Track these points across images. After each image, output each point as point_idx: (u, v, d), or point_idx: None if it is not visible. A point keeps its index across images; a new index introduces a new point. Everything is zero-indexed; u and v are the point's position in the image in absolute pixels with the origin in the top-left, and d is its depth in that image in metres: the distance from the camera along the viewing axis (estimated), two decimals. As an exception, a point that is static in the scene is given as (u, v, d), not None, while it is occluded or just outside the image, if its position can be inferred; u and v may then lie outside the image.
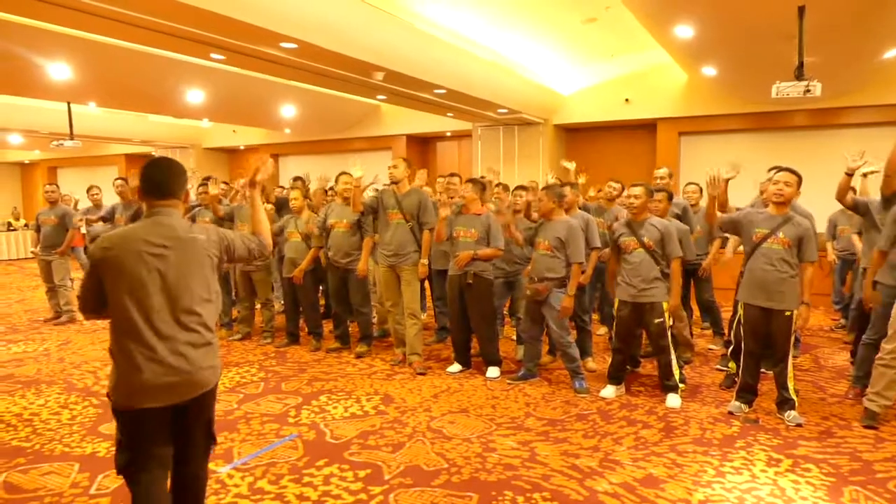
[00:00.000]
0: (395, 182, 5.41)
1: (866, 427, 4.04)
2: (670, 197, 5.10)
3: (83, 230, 9.20)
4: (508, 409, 4.44)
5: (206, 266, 2.38)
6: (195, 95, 9.04)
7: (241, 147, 14.60)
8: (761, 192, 5.23)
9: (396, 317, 5.54)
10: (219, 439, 3.83)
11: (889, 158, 4.16)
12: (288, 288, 6.23)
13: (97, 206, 8.32)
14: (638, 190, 4.55)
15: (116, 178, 7.69)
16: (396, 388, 4.94)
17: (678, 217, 5.45)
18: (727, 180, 4.36)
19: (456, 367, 5.36)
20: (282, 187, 9.02)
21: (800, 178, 4.13)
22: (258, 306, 6.63)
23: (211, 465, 3.48)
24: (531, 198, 5.45)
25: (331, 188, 7.21)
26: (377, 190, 5.84)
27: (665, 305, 4.47)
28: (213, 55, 6.22)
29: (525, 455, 3.66)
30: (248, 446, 3.81)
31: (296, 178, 7.75)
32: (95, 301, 2.27)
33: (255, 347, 6.27)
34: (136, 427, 2.27)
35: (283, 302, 6.68)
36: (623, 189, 6.01)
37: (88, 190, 8.47)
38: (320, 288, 6.63)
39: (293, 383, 5.10)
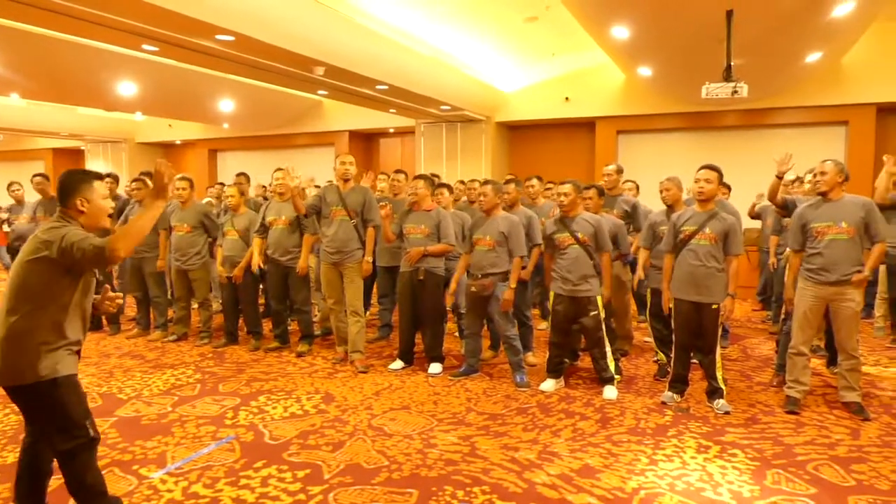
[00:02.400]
0: (347, 179, 5.35)
1: (788, 413, 4.25)
2: (601, 192, 5.19)
3: (6, 228, 8.75)
4: (450, 405, 4.47)
5: (32, 265, 2.46)
6: (127, 88, 8.71)
7: (178, 142, 14.17)
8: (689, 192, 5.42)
9: (339, 314, 5.49)
10: (152, 444, 3.75)
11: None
12: (227, 286, 6.09)
13: (19, 202, 7.91)
14: (567, 187, 4.64)
15: (35, 175, 7.28)
16: (338, 386, 4.90)
17: (627, 214, 5.59)
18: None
19: (398, 363, 5.36)
20: (221, 184, 8.79)
21: (720, 173, 4.32)
22: (195, 306, 6.45)
23: (143, 471, 3.39)
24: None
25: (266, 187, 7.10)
26: (318, 187, 5.78)
27: (599, 300, 4.58)
28: (145, 46, 6.02)
29: (465, 450, 3.69)
30: (182, 450, 3.70)
31: (239, 174, 7.59)
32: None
33: (192, 349, 6.10)
34: None
35: (221, 301, 6.53)
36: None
37: (9, 186, 8.04)
38: (260, 287, 6.51)
39: (231, 384, 4.99)
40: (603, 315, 4.66)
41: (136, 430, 4.03)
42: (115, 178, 7.31)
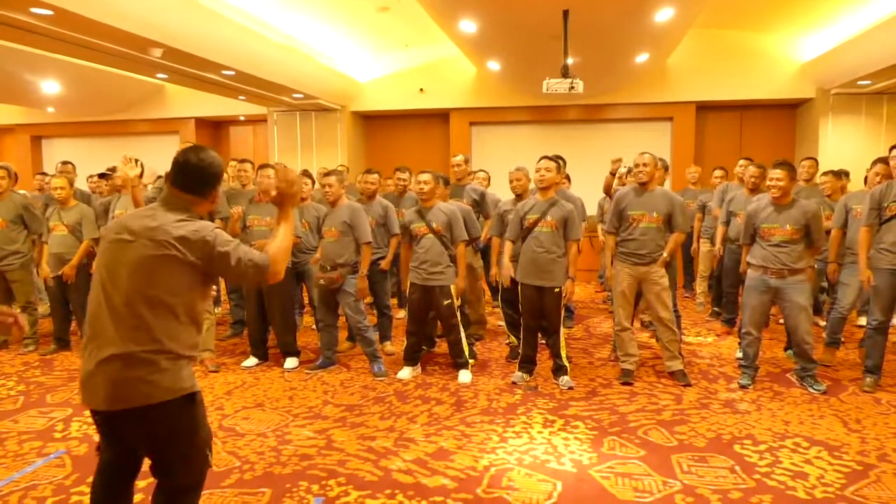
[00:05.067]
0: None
1: (623, 384, 4.64)
2: (446, 182, 5.31)
3: None
4: (306, 399, 4.39)
5: (168, 264, 2.01)
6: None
7: (-7, 127, 12.58)
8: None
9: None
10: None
11: None
12: (56, 288, 5.53)
13: None
14: (426, 176, 4.72)
15: None
16: (185, 388, 4.63)
17: (476, 203, 5.75)
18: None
19: (252, 360, 5.17)
20: (43, 174, 7.93)
21: (559, 164, 4.62)
22: (17, 311, 5.77)
23: None
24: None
25: None
26: (160, 177, 5.39)
27: (453, 288, 4.71)
28: (-56, 18, 5.26)
29: (321, 443, 3.65)
30: (1, 470, 3.32)
31: (65, 163, 6.88)
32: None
33: (14, 357, 5.48)
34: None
35: (48, 304, 5.92)
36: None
37: None
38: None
39: (62, 394, 4.55)
40: (458, 303, 4.79)
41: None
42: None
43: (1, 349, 5.70)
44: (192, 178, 2.15)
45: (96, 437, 3.70)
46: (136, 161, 4.89)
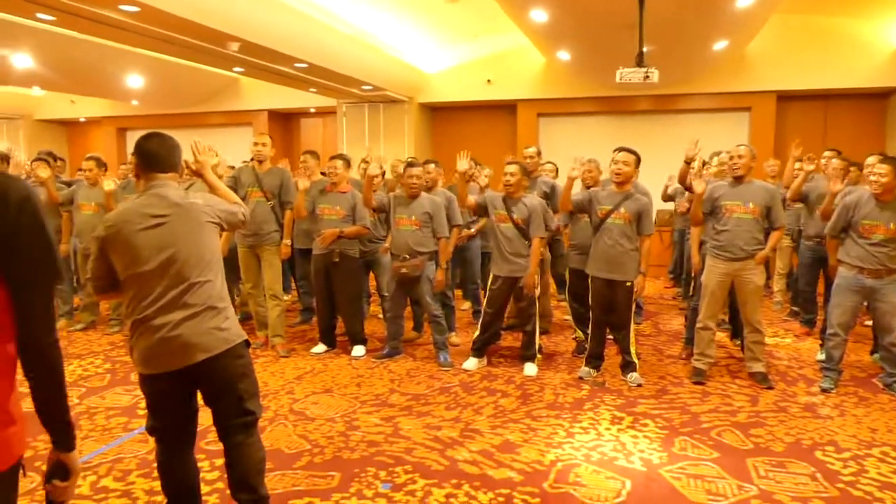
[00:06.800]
0: (261, 160, 5.18)
1: (695, 383, 4.49)
2: (527, 173, 5.27)
3: None
4: (373, 387, 4.46)
5: (207, 231, 2.40)
6: (21, 60, 8.07)
7: (82, 119, 13.31)
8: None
9: (257, 299, 5.34)
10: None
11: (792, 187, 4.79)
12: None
13: None
14: (513, 168, 4.68)
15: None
16: (258, 372, 4.70)
17: (546, 196, 5.68)
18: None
19: (321, 347, 5.30)
20: (128, 164, 8.32)
21: (637, 157, 4.47)
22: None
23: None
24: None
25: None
26: (231, 168, 5.58)
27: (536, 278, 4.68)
28: (40, 15, 5.59)
29: (388, 431, 3.70)
30: (90, 443, 3.53)
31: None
32: (107, 280, 2.35)
33: (101, 337, 5.81)
34: (146, 392, 2.41)
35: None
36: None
37: None
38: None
39: (144, 373, 4.78)
40: (538, 293, 4.76)
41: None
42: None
43: (88, 329, 6.05)
44: (166, 158, 2.45)
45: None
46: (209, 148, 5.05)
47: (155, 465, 3.19)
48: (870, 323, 4.98)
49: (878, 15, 8.34)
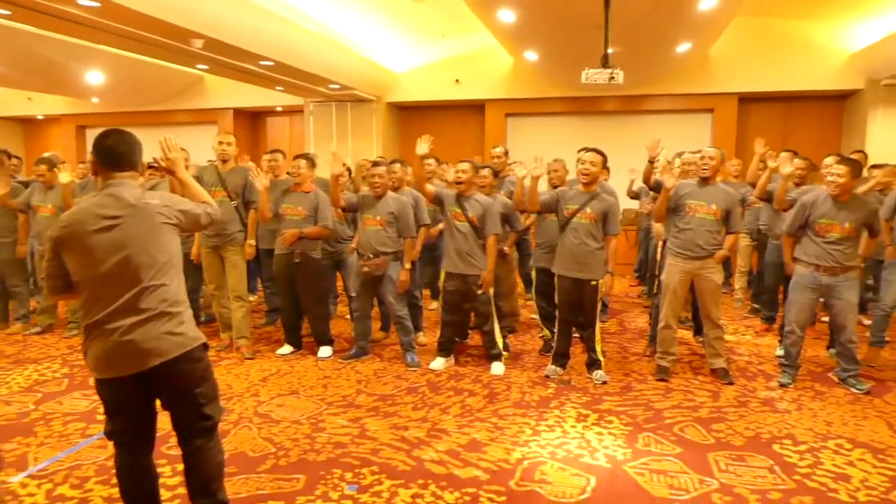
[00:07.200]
0: (225, 160, 5.09)
1: (659, 380, 4.57)
2: (495, 173, 5.31)
3: None
4: (340, 388, 4.43)
5: (163, 232, 2.33)
6: (-28, 55, 7.82)
7: (40, 117, 12.94)
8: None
9: (221, 300, 5.26)
10: (11, 445, 3.45)
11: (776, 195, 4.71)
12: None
13: None
14: (465, 165, 4.70)
15: None
16: (222, 374, 4.71)
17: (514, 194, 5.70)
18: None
19: (287, 348, 5.24)
20: (86, 162, 8.12)
21: (604, 157, 4.52)
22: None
23: (1, 476, 3.11)
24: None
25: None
26: (194, 167, 5.48)
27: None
28: (-5, 9, 5.42)
29: (355, 432, 3.68)
30: (46, 450, 3.44)
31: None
32: (61, 281, 2.29)
33: (59, 341, 5.66)
34: (103, 397, 2.36)
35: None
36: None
37: None
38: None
39: (104, 377, 4.67)
40: (492, 292, 4.77)
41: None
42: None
43: (46, 332, 5.89)
44: (126, 155, 2.38)
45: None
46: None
47: (114, 470, 3.13)
48: (826, 319, 5.12)
49: (835, 20, 8.58)
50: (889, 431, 3.69)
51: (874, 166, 5.96)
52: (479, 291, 4.66)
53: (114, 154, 2.35)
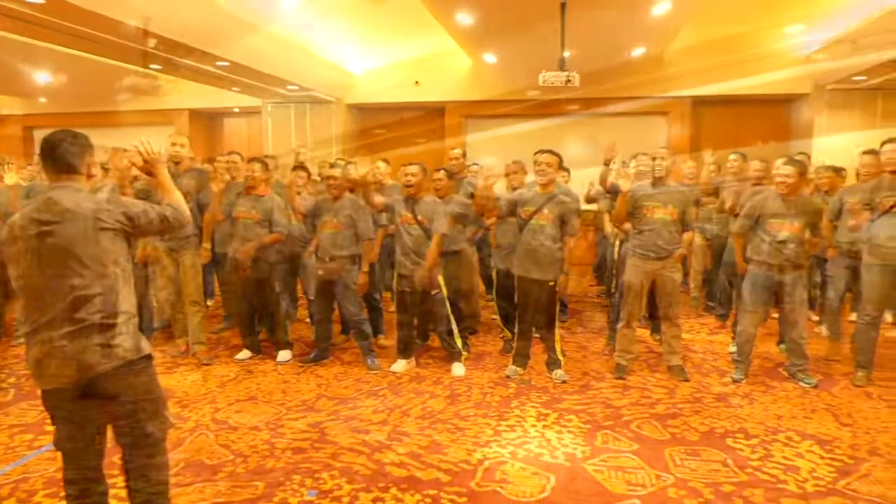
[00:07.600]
0: (178, 161, 4.98)
1: (617, 378, 4.64)
2: (451, 175, 5.31)
3: None
4: (299, 392, 4.38)
5: (102, 239, 2.19)
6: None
7: (-16, 117, 12.47)
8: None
9: (176, 305, 5.14)
10: None
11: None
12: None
13: None
14: (414, 168, 4.69)
15: None
16: (178, 381, 4.61)
17: (473, 196, 5.71)
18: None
19: (245, 353, 5.15)
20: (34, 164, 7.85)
21: (560, 158, 4.58)
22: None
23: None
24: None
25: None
26: None
27: (441, 279, 4.68)
28: (-68, 5, 5.20)
29: (315, 436, 3.65)
30: (-9, 463, 3.31)
31: None
32: (2, 287, 2.24)
33: (6, 349, 5.45)
34: (47, 407, 2.29)
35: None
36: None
37: None
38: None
39: (53, 386, 4.52)
40: (445, 293, 4.77)
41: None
42: None
43: (-8, 341, 5.67)
44: (70, 157, 2.27)
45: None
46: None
47: (62, 483, 3.03)
48: (776, 316, 5.28)
49: (783, 26, 8.88)
50: (836, 424, 3.83)
51: (825, 167, 6.16)
52: (433, 291, 4.66)
53: (59, 156, 2.25)
